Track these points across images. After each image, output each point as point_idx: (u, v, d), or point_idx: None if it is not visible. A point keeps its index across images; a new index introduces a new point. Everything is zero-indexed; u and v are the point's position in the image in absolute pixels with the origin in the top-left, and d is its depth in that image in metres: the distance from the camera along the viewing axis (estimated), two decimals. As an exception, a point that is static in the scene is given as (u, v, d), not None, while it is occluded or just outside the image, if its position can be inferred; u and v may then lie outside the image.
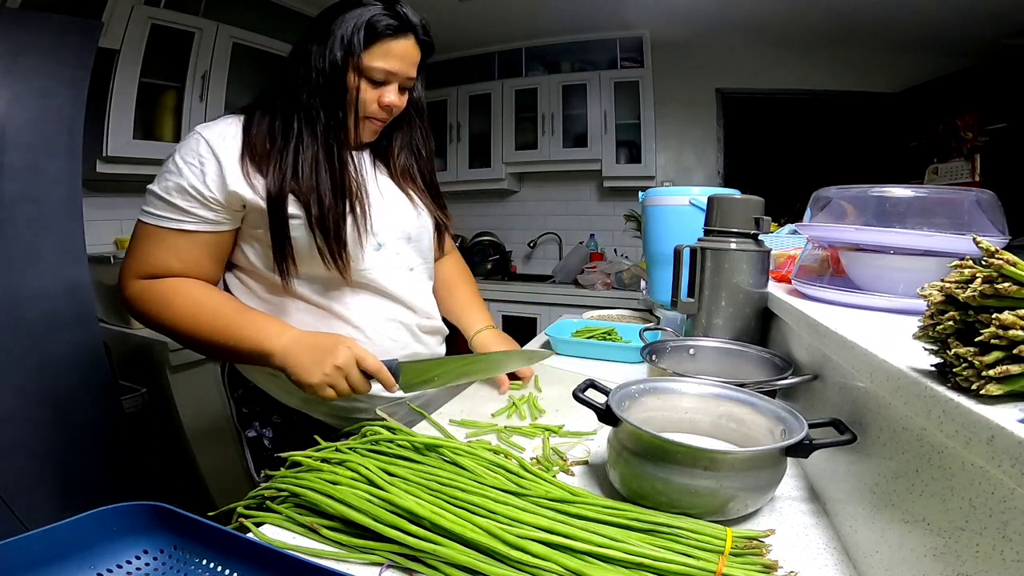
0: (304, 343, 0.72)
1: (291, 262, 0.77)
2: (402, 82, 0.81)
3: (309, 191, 0.75)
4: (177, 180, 0.73)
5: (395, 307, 0.87)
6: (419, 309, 0.90)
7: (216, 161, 0.73)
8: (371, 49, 0.75)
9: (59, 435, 1.42)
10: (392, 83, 0.79)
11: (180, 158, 0.74)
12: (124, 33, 1.91)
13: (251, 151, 0.75)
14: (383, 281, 0.84)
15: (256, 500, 0.58)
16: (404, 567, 0.46)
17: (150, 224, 0.75)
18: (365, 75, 0.77)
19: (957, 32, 2.53)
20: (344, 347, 0.72)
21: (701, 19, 2.79)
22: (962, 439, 0.31)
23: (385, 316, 0.86)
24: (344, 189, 0.78)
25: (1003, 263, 0.32)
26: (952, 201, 0.70)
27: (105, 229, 2.18)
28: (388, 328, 0.86)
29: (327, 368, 0.70)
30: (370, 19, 0.74)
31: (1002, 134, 2.38)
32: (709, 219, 0.94)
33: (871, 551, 0.46)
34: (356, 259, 0.79)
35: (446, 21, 2.89)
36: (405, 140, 0.91)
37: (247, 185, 0.74)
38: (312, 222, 0.75)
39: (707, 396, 0.68)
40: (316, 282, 0.81)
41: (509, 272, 3.52)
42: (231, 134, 0.76)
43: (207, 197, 0.73)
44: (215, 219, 0.76)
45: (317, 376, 0.70)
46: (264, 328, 0.74)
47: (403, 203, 0.89)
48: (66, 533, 0.41)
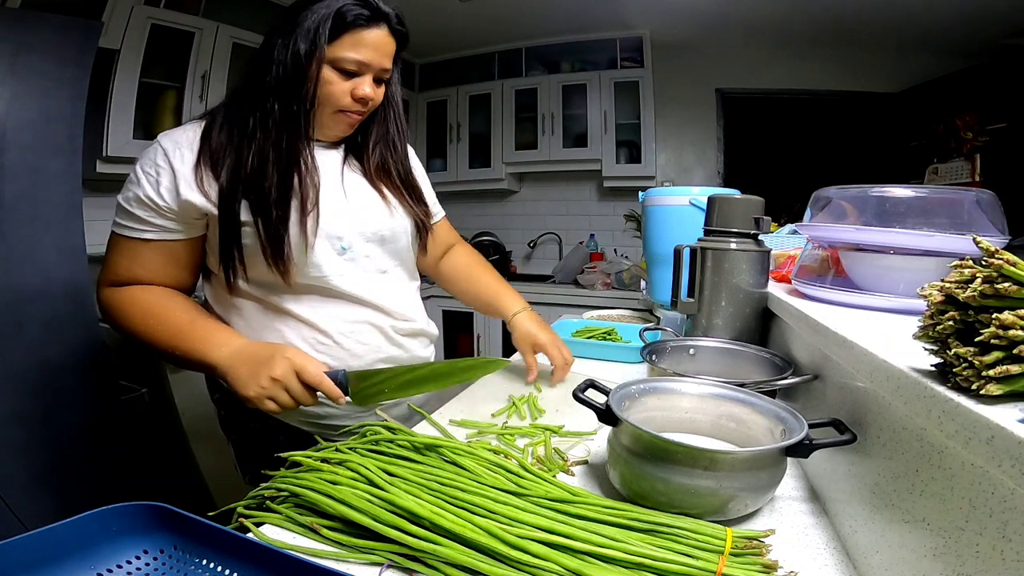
0: (244, 354, 0.70)
1: (239, 266, 0.76)
2: (376, 73, 0.77)
3: (254, 191, 0.73)
4: (135, 191, 0.73)
5: (364, 311, 0.83)
6: (394, 312, 0.86)
7: (171, 170, 0.72)
8: (341, 39, 0.72)
9: (59, 435, 1.42)
10: (365, 75, 0.76)
11: (140, 168, 0.74)
12: (124, 33, 1.91)
13: (208, 157, 0.73)
14: (348, 286, 0.80)
15: (256, 500, 0.58)
16: (404, 567, 0.46)
17: (116, 233, 0.76)
18: (336, 67, 0.74)
19: (957, 32, 2.53)
20: (282, 357, 0.68)
21: (701, 19, 2.79)
22: (962, 439, 0.31)
23: (353, 320, 0.82)
24: (290, 189, 0.74)
25: (1003, 263, 0.32)
26: (952, 201, 0.70)
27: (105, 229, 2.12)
28: (358, 332, 0.82)
29: (263, 380, 0.68)
30: (339, 9, 0.71)
31: (1002, 134, 2.38)
32: (709, 219, 0.94)
33: (871, 551, 0.46)
34: (302, 263, 0.76)
35: (446, 21, 2.89)
36: (380, 135, 0.87)
37: (200, 194, 0.72)
38: (258, 230, 0.73)
39: (707, 396, 0.68)
40: (273, 288, 0.79)
41: (509, 272, 3.52)
42: (187, 141, 0.74)
43: (161, 207, 0.73)
44: (173, 227, 0.75)
45: (254, 389, 0.68)
46: (209, 339, 0.72)
47: (374, 203, 0.85)
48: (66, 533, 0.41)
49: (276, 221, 0.73)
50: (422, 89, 3.53)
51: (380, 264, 0.85)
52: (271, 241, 0.73)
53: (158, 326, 0.74)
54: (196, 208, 0.73)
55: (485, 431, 0.78)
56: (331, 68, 0.74)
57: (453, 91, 3.39)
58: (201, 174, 0.73)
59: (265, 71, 0.73)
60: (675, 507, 0.52)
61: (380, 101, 0.82)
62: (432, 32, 3.04)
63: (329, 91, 0.74)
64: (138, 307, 0.75)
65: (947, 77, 2.67)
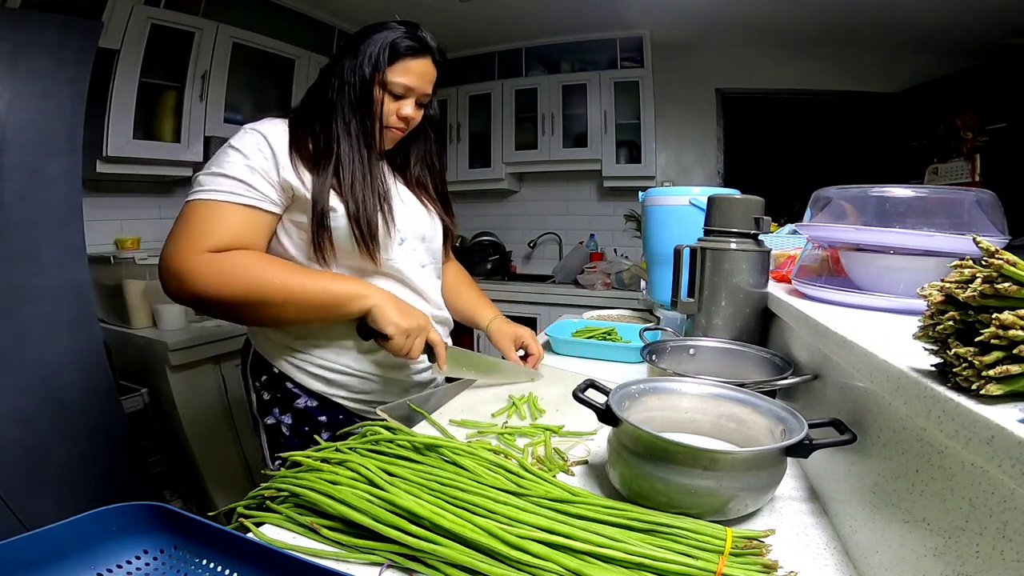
0: (395, 299, 0.85)
1: (330, 248, 0.85)
2: (419, 97, 0.91)
3: (349, 190, 0.85)
4: (245, 162, 0.80)
5: (413, 296, 0.97)
6: (431, 300, 1.01)
7: (272, 151, 0.82)
8: (394, 66, 0.86)
9: (59, 435, 1.41)
10: (410, 98, 0.90)
11: (239, 145, 0.81)
12: (124, 33, 1.91)
13: (297, 149, 0.84)
14: (405, 271, 0.94)
15: (256, 500, 0.58)
16: (404, 567, 0.46)
17: (210, 200, 0.78)
18: (387, 89, 0.87)
19: (957, 32, 2.53)
20: (424, 316, 0.86)
21: (701, 19, 2.79)
22: (962, 439, 0.31)
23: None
24: (377, 189, 0.88)
25: (1003, 263, 0.32)
26: (952, 201, 0.70)
27: (105, 229, 2.18)
28: None
29: (412, 322, 0.83)
30: (394, 40, 0.85)
31: (1002, 134, 2.38)
32: (709, 219, 0.94)
33: (871, 551, 0.46)
34: (385, 249, 0.89)
35: (446, 21, 2.89)
36: (420, 152, 1.02)
37: (296, 176, 0.83)
38: (350, 216, 0.85)
39: (707, 396, 0.68)
40: (346, 270, 0.89)
41: (509, 272, 3.52)
42: (280, 131, 0.85)
43: (271, 178, 0.81)
44: (275, 199, 0.83)
45: (404, 325, 0.82)
46: (353, 279, 0.86)
47: (419, 207, 1.00)
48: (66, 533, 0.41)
49: (366, 212, 0.86)
50: (422, 89, 3.52)
51: (422, 259, 1.00)
52: (362, 228, 0.85)
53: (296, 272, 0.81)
54: (291, 188, 0.83)
55: (485, 431, 0.78)
56: (383, 90, 0.87)
57: (453, 91, 3.39)
58: (295, 161, 0.83)
59: (337, 89, 0.86)
60: (675, 507, 0.52)
61: (418, 121, 0.95)
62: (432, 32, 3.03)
63: (383, 110, 0.88)
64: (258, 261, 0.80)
65: (947, 77, 2.67)
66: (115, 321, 1.92)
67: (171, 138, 2.13)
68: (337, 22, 2.79)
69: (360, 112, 0.87)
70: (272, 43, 2.45)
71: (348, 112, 0.86)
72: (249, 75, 2.37)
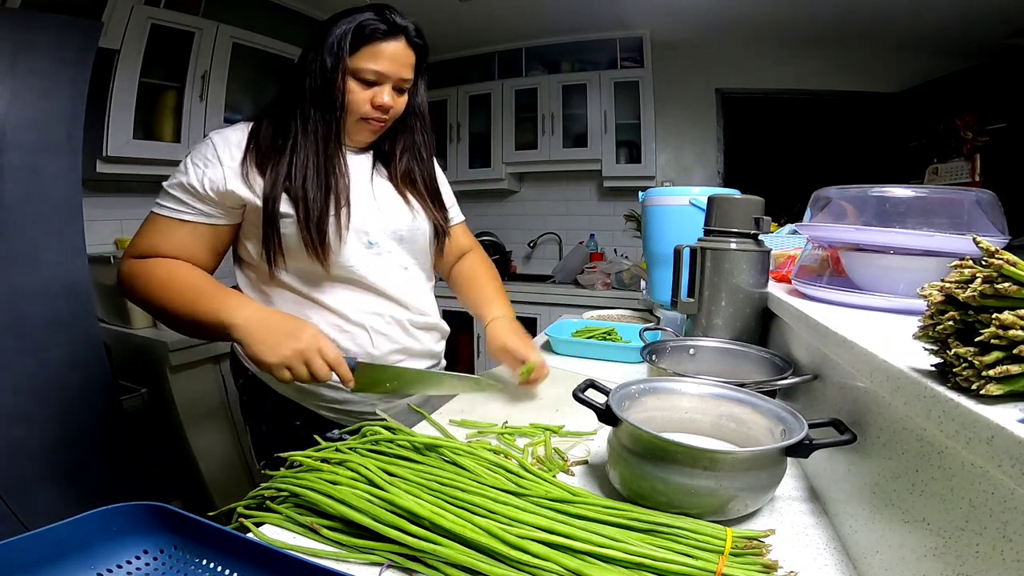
0: (266, 322, 0.74)
1: (279, 255, 0.82)
2: (396, 83, 0.84)
3: (300, 190, 0.80)
4: (182, 178, 0.81)
5: (384, 303, 0.89)
6: (411, 306, 0.92)
7: (219, 163, 0.80)
8: (360, 52, 0.80)
9: (59, 435, 1.41)
10: (384, 84, 0.83)
11: (190, 159, 0.82)
12: (124, 33, 1.90)
13: (255, 155, 0.82)
14: (372, 277, 0.87)
15: (256, 500, 0.58)
16: (404, 567, 0.46)
17: (155, 213, 0.82)
18: (356, 77, 0.81)
19: (957, 32, 2.53)
20: (309, 333, 0.73)
21: (701, 19, 2.79)
22: (962, 439, 0.31)
23: (373, 310, 0.88)
24: (328, 188, 0.82)
25: (1003, 263, 0.32)
26: (952, 201, 0.70)
27: (105, 229, 2.18)
28: (378, 323, 0.89)
29: (286, 350, 0.71)
30: (359, 23, 0.79)
31: (1002, 134, 2.38)
32: (709, 219, 0.94)
33: (871, 551, 0.46)
34: (337, 253, 0.83)
35: (446, 21, 2.89)
36: (407, 144, 0.94)
37: (245, 186, 0.80)
38: (298, 218, 0.80)
39: (707, 396, 0.68)
40: (307, 276, 0.85)
41: (509, 272, 3.52)
42: (236, 140, 0.82)
43: (201, 194, 0.80)
44: (210, 212, 0.82)
45: (276, 356, 0.71)
46: (224, 300, 0.76)
47: (398, 205, 0.92)
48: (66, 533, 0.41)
49: (315, 214, 0.80)
50: (422, 89, 3.53)
51: (401, 261, 0.92)
52: (311, 231, 0.80)
53: (177, 288, 0.78)
54: (238, 198, 0.80)
55: (485, 431, 0.78)
56: (353, 78, 0.81)
57: (453, 91, 3.39)
58: (247, 169, 0.81)
59: (301, 81, 0.82)
60: (675, 507, 0.52)
61: (402, 110, 0.88)
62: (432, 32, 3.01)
63: (351, 99, 0.82)
64: (158, 273, 0.80)
65: (947, 77, 2.67)
66: (115, 321, 1.92)
67: (171, 138, 2.13)
68: (337, 22, 2.79)
69: (322, 105, 0.81)
70: (272, 43, 2.45)
71: (308, 105, 0.81)
72: (249, 75, 2.37)
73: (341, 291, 0.86)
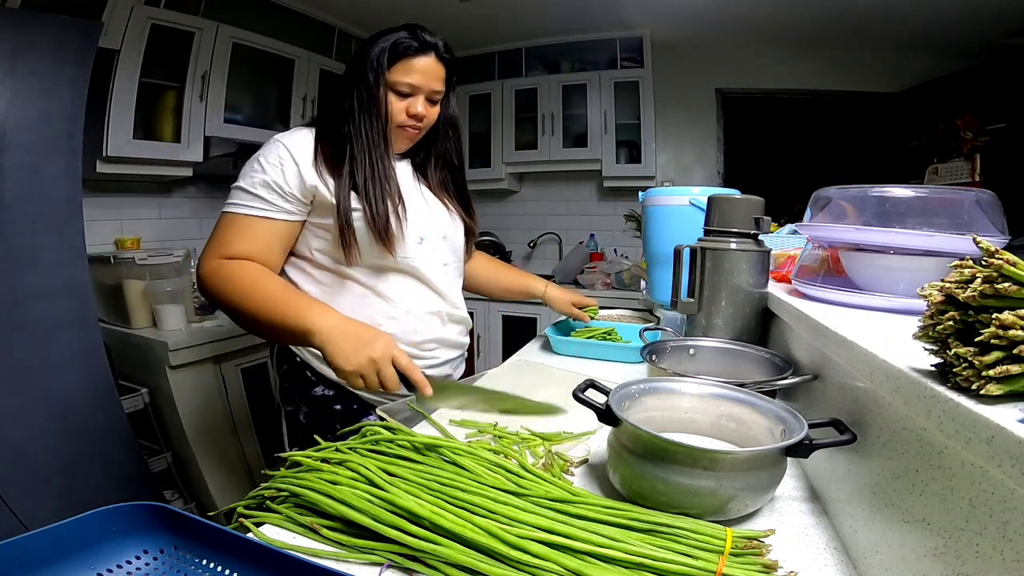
0: (346, 330, 0.79)
1: (354, 245, 0.91)
2: (428, 94, 0.94)
3: (363, 190, 0.90)
4: (262, 176, 0.88)
5: (430, 293, 1.00)
6: (449, 298, 1.03)
7: (294, 161, 0.89)
8: (396, 67, 0.91)
9: (59, 435, 1.41)
10: (418, 95, 0.93)
11: (264, 159, 0.89)
12: (124, 33, 1.90)
13: (322, 155, 0.91)
14: (423, 269, 0.98)
15: (256, 500, 0.58)
16: (404, 567, 0.46)
17: (236, 213, 0.89)
18: (393, 89, 0.92)
19: (957, 32, 2.53)
20: (383, 342, 0.78)
21: (701, 19, 2.79)
22: (962, 439, 0.31)
23: (420, 300, 0.99)
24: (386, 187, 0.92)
25: (1003, 263, 0.32)
26: (952, 201, 0.70)
27: (105, 229, 2.18)
28: (421, 311, 0.99)
29: (362, 359, 0.76)
30: (394, 41, 0.90)
31: (1002, 134, 2.38)
32: (709, 219, 0.94)
33: (871, 551, 0.46)
34: (401, 247, 0.94)
35: (446, 21, 2.89)
36: (440, 152, 1.05)
37: (321, 181, 0.89)
38: (366, 215, 0.90)
39: (707, 396, 0.68)
40: (367, 267, 0.95)
41: (509, 272, 3.52)
42: (306, 141, 0.92)
43: (285, 191, 0.89)
44: (290, 209, 0.90)
45: (353, 363, 0.76)
46: (309, 308, 0.82)
47: (441, 207, 1.04)
48: (66, 533, 0.41)
49: (381, 208, 0.90)
50: (422, 89, 3.53)
51: (444, 257, 1.03)
52: (377, 224, 0.90)
53: (261, 292, 0.84)
54: (314, 193, 0.89)
55: (485, 430, 0.78)
56: (391, 91, 0.92)
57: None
58: (320, 167, 0.90)
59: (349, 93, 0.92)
60: (675, 507, 0.52)
61: (434, 119, 0.99)
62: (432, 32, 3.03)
63: (391, 109, 0.93)
64: (246, 276, 0.85)
65: (947, 77, 2.67)
66: (115, 321, 1.92)
67: (171, 138, 2.13)
68: (337, 22, 2.79)
69: (369, 114, 0.91)
70: (272, 43, 2.45)
71: (358, 115, 0.91)
72: (249, 75, 2.37)
73: (399, 281, 0.97)
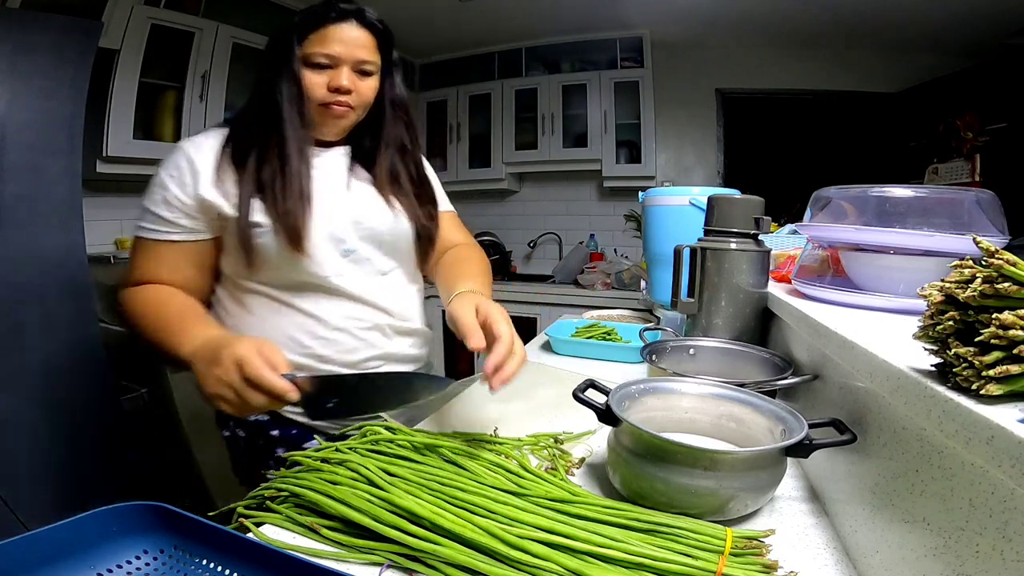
0: (207, 348, 0.64)
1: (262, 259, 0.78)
2: (354, 65, 0.80)
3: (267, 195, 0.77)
4: (163, 193, 0.78)
5: (363, 308, 0.85)
6: (394, 312, 0.88)
7: (193, 171, 0.78)
8: (309, 39, 0.78)
9: (59, 435, 1.41)
10: (340, 67, 0.79)
11: (165, 172, 0.79)
12: (124, 33, 1.90)
13: (228, 160, 0.79)
14: (349, 286, 0.83)
15: (256, 500, 0.58)
16: (404, 567, 0.46)
17: (140, 236, 0.80)
18: (309, 63, 0.79)
19: (957, 32, 2.53)
20: (229, 353, 0.60)
21: (701, 19, 2.79)
22: (962, 439, 0.31)
23: (351, 315, 0.84)
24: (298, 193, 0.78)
25: (1003, 263, 0.32)
26: (952, 201, 0.70)
27: (105, 229, 2.18)
28: (353, 327, 0.84)
29: (211, 380, 0.61)
30: (306, 12, 0.79)
31: (1002, 134, 2.38)
32: (709, 219, 0.94)
33: (871, 551, 0.46)
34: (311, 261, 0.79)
35: (446, 21, 2.89)
36: (389, 138, 0.89)
37: (219, 193, 0.77)
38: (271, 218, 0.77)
39: (707, 396, 0.68)
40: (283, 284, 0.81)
41: (509, 272, 3.52)
42: (209, 145, 0.80)
43: (186, 204, 0.77)
44: (195, 227, 0.79)
45: (209, 387, 0.62)
46: (185, 331, 0.70)
47: (377, 206, 0.87)
48: (66, 533, 0.41)
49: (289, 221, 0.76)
50: (422, 89, 3.53)
51: (380, 266, 0.88)
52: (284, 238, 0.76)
53: (152, 321, 0.75)
54: (214, 206, 0.77)
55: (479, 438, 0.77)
56: (306, 66, 0.79)
57: (453, 91, 3.39)
58: (222, 175, 0.78)
59: (258, 77, 0.82)
60: (675, 507, 0.52)
61: (369, 96, 0.83)
62: (432, 32, 3.03)
63: (306, 85, 0.79)
64: (141, 303, 0.77)
65: (947, 77, 2.67)
66: (115, 321, 1.92)
67: (171, 138, 2.13)
68: (337, 22, 2.79)
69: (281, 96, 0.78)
70: (272, 43, 2.45)
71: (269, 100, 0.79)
72: (249, 75, 2.37)
73: (317, 297, 0.82)
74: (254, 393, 0.59)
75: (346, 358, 0.83)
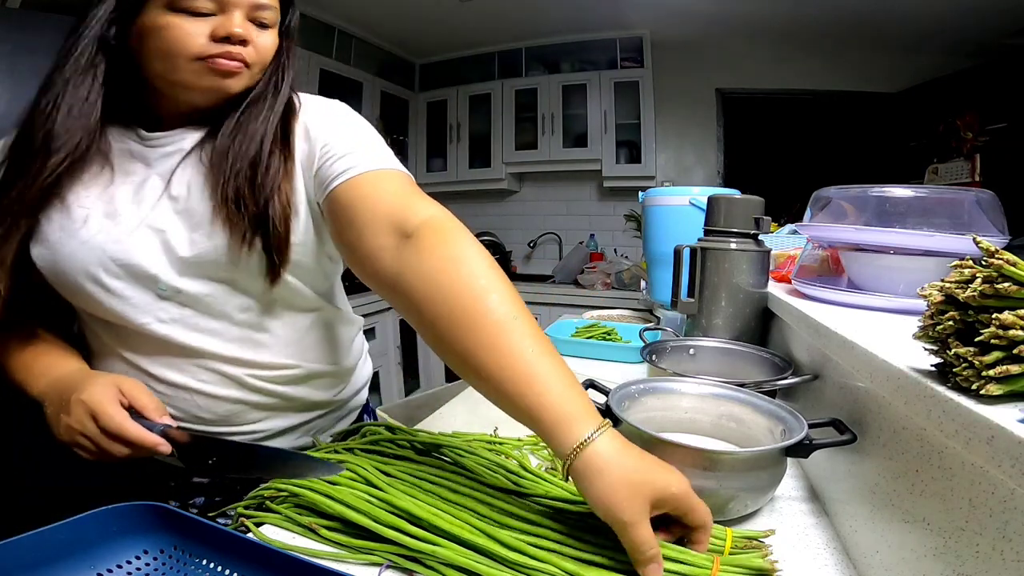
0: (54, 390, 0.56)
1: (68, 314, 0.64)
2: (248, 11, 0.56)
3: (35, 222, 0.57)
4: None
5: (212, 361, 0.62)
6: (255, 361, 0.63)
7: None
8: None
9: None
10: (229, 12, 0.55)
11: None
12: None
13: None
14: (180, 336, 0.60)
15: (256, 500, 0.58)
16: (403, 567, 0.46)
17: None
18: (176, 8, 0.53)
19: (957, 32, 2.53)
20: (78, 400, 0.52)
21: (701, 19, 2.79)
22: (962, 439, 0.31)
23: (198, 369, 0.62)
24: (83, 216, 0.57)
25: (1003, 263, 0.32)
26: (952, 201, 0.70)
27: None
28: (200, 383, 0.62)
29: (61, 429, 0.55)
30: None
31: (1002, 134, 2.38)
32: (709, 219, 0.94)
33: (871, 551, 0.46)
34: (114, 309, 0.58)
35: (446, 21, 2.89)
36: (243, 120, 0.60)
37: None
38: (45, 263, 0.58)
39: (707, 396, 0.68)
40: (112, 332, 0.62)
41: (509, 272, 3.52)
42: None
43: None
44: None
45: (62, 434, 0.55)
46: (27, 372, 0.60)
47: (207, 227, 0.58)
48: (66, 533, 0.41)
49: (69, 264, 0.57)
50: (422, 89, 3.53)
51: (228, 304, 0.61)
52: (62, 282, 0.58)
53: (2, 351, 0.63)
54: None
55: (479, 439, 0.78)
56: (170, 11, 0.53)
57: (453, 91, 3.39)
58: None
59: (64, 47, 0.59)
60: (675, 507, 0.52)
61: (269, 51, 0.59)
62: (432, 32, 3.04)
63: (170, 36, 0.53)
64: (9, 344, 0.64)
65: (947, 77, 2.67)
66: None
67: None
68: (337, 22, 2.79)
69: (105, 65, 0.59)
70: (272, 43, 2.45)
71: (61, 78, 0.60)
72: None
73: (154, 354, 0.61)
74: (115, 445, 0.53)
75: (201, 414, 0.63)
